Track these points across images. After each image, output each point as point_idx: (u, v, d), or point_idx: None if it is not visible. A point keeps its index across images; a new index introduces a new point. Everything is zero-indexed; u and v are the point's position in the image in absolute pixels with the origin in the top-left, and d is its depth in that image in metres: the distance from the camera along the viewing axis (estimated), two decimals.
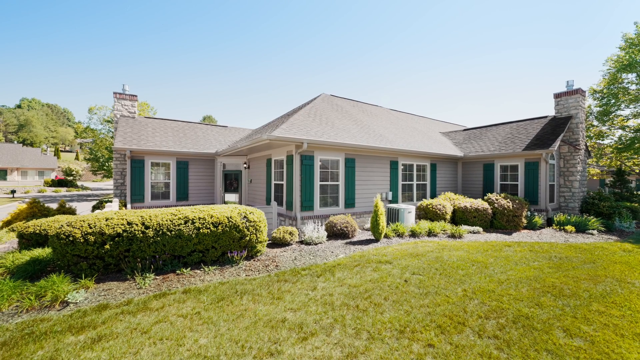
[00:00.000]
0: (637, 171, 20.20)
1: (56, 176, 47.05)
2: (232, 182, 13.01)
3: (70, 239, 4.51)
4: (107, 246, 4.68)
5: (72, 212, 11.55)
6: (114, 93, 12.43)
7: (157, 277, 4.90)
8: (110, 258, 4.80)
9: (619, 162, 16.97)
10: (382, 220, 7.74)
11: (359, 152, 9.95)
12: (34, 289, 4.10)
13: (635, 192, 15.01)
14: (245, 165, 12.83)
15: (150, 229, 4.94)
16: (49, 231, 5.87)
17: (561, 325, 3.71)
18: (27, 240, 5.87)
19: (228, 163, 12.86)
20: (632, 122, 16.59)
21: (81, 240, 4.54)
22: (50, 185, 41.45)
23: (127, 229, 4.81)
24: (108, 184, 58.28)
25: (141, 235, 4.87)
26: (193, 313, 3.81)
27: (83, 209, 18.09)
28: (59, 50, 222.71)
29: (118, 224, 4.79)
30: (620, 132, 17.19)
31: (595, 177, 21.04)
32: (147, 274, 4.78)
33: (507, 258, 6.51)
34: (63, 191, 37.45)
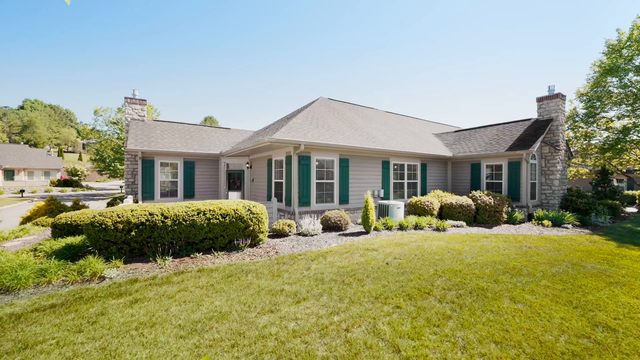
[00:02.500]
0: (624, 171, 20.99)
1: (61, 176, 48.03)
2: (235, 180, 13.87)
3: (103, 226, 5.36)
4: (132, 233, 5.52)
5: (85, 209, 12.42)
6: (125, 98, 13.31)
7: (175, 260, 5.75)
8: (135, 243, 5.65)
9: (603, 162, 17.74)
10: (372, 214, 8.57)
11: (352, 153, 10.78)
12: (75, 267, 4.95)
13: (617, 190, 15.79)
14: (247, 165, 13.68)
15: (169, 219, 5.78)
16: (79, 222, 6.74)
17: (509, 295, 4.53)
18: (60, 230, 6.73)
19: (231, 163, 13.71)
20: (618, 124, 17.38)
21: (111, 228, 5.39)
22: (57, 185, 42.42)
23: (149, 218, 5.66)
24: (112, 184, 59.26)
25: (161, 224, 5.71)
26: (207, 285, 4.66)
27: (93, 207, 18.97)
28: (60, 51, 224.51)
29: (142, 215, 5.64)
30: (606, 133, 17.99)
31: (584, 177, 21.83)
32: (166, 257, 5.63)
33: (482, 247, 7.33)
34: (69, 191, 38.38)
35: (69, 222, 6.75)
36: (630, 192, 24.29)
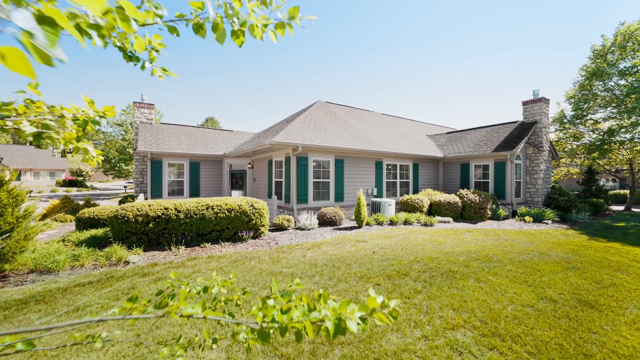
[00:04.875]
0: (613, 171, 21.68)
1: (66, 177, 48.95)
2: (237, 180, 14.66)
3: (125, 219, 6.15)
4: (150, 225, 6.31)
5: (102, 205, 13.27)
6: (134, 102, 14.13)
7: (187, 249, 6.54)
8: (152, 234, 6.44)
9: (589, 162, 18.44)
10: (364, 210, 9.34)
11: (347, 154, 11.56)
12: (102, 253, 5.74)
13: (603, 189, 16.49)
14: (249, 165, 14.47)
15: (181, 213, 6.57)
16: (101, 216, 7.54)
17: (475, 277, 5.30)
18: (84, 223, 7.53)
19: (234, 163, 14.50)
20: (606, 125, 18.06)
21: (132, 220, 6.18)
22: (62, 186, 43.33)
23: (165, 212, 6.45)
24: (115, 184, 60.13)
25: (175, 217, 6.50)
26: (217, 268, 5.44)
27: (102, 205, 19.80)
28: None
29: (158, 209, 6.43)
30: (594, 134, 18.69)
31: (575, 176, 22.52)
32: (180, 246, 6.42)
33: (462, 240, 8.09)
34: (74, 191, 39.22)
35: (91, 217, 7.55)
36: (621, 192, 25.04)
